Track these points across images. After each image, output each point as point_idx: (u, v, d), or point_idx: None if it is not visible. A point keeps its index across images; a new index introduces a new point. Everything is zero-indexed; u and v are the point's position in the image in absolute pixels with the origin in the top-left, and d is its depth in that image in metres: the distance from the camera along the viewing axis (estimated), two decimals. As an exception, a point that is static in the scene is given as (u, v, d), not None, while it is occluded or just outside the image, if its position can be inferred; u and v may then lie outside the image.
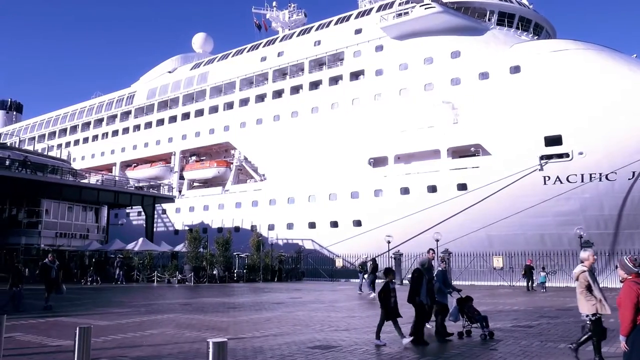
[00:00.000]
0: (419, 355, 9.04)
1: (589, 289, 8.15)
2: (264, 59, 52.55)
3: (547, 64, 36.75)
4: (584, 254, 8.55)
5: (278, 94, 50.75)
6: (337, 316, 14.62)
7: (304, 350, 9.40)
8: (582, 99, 34.72)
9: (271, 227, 46.83)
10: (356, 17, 47.46)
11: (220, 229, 48.17)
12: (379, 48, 44.47)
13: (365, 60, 45.11)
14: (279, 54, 51.43)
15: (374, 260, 26.80)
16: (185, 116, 58.02)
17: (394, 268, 35.54)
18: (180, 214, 54.56)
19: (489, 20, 41.52)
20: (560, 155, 35.17)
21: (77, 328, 5.93)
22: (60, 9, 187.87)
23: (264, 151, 49.88)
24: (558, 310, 16.42)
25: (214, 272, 35.17)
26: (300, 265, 41.14)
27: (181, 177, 57.05)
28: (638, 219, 34.93)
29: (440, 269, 11.55)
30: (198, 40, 69.59)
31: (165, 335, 11.45)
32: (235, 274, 36.71)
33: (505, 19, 41.61)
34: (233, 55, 56.68)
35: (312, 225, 45.16)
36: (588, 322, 8.24)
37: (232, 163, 53.21)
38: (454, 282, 31.12)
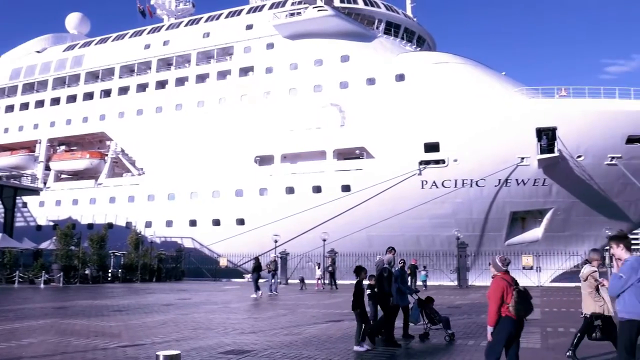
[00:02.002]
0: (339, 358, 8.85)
1: (597, 289, 8.21)
2: (147, 46, 49.78)
3: (429, 75, 38.85)
4: (595, 255, 8.58)
5: (162, 84, 48.36)
6: (238, 318, 14.05)
7: (217, 356, 8.79)
8: (459, 110, 37.09)
9: (148, 224, 44.46)
10: (248, 12, 46.73)
11: (91, 225, 44.88)
12: (270, 46, 44.16)
13: (256, 57, 44.55)
14: (165, 43, 49.05)
15: (257, 259, 26.25)
16: (55, 101, 53.15)
17: (279, 267, 35.55)
18: (45, 207, 49.86)
19: (376, 28, 42.96)
20: (437, 162, 37.26)
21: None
22: None
23: (143, 144, 47.17)
24: (449, 307, 17.24)
25: (87, 272, 32.51)
26: (181, 265, 39.46)
27: (47, 168, 52.15)
28: (501, 223, 38.12)
29: (398, 268, 11.08)
30: (73, 21, 63.84)
31: (48, 344, 10.15)
32: (110, 274, 34.24)
33: (392, 28, 43.33)
34: (113, 40, 52.99)
35: (193, 223, 43.64)
36: (584, 317, 8.32)
37: (107, 155, 49.68)
38: (342, 282, 31.85)
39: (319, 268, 29.46)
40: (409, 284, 29.02)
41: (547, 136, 34.99)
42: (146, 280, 34.90)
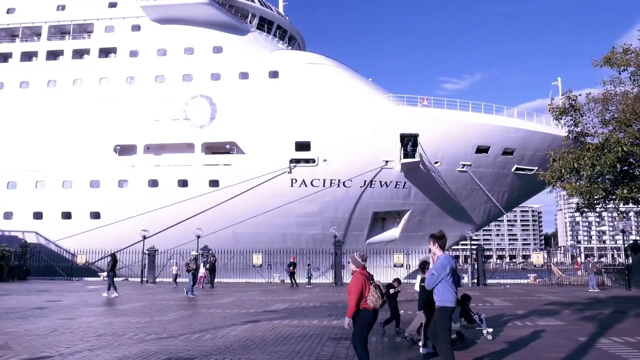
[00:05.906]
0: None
1: None
2: (-14, 13, 43.49)
3: (303, 74, 39.24)
4: None
5: (4, 57, 42.55)
6: (140, 321, 12.62)
7: (159, 366, 7.83)
8: (330, 111, 38.00)
9: (-19, 216, 38.89)
10: (112, -12, 43.03)
11: None
12: (136, 28, 41.22)
13: (119, 38, 41.25)
14: (9, 11, 43.15)
15: (113, 256, 24.21)
16: None
17: (147, 265, 33.28)
18: None
19: (250, 22, 42.27)
20: (307, 161, 37.80)
21: None
22: None
23: (-23, 124, 41.10)
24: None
25: None
26: (25, 262, 34.97)
27: None
28: (363, 223, 39.87)
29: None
30: None
31: None
32: (-64, 273, 29.17)
33: (265, 24, 42.96)
34: (-60, 1, 45.38)
35: (38, 215, 39.14)
36: None
37: None
38: (221, 280, 30.74)
39: (204, 266, 28.12)
40: (292, 280, 29.23)
41: (410, 142, 37.31)
42: (-17, 280, 30.38)
